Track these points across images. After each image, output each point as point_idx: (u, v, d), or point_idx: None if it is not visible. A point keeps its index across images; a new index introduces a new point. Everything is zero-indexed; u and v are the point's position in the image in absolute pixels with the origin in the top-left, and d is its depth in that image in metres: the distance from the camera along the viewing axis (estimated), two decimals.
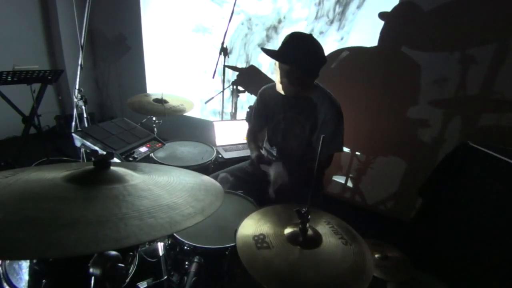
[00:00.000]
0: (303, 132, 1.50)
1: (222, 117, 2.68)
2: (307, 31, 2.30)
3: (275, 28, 2.49)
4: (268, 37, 2.56)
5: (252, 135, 1.74)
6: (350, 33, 2.18)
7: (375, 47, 2.11)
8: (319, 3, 2.24)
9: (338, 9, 2.18)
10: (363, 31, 2.12)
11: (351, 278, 0.72)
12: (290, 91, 1.42)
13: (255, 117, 1.72)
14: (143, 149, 1.53)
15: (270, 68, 2.58)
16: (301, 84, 1.39)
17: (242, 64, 2.76)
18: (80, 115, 1.94)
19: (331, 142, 1.41)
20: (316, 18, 2.29)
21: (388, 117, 2.19)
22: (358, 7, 2.10)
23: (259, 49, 2.62)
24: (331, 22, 2.23)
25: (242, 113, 2.82)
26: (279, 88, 1.44)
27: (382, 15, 2.02)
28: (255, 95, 1.73)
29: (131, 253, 0.81)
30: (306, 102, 1.46)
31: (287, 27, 2.42)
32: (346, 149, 2.39)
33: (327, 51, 2.29)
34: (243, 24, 2.64)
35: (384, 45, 2.08)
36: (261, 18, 2.53)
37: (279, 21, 2.45)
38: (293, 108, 1.51)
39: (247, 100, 2.80)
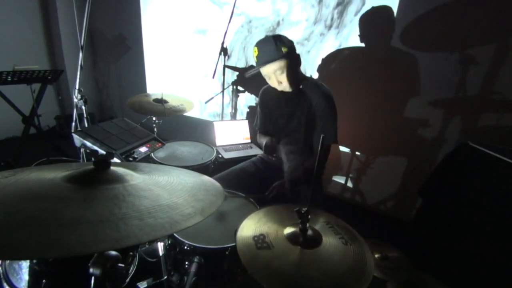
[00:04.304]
0: (300, 125, 1.53)
1: (222, 117, 2.68)
2: (306, 34, 2.32)
3: (273, 31, 2.49)
4: None
5: (261, 135, 1.74)
6: (349, 39, 2.18)
7: (375, 47, 2.11)
8: (318, 4, 2.24)
9: (336, 15, 2.18)
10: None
11: (351, 278, 0.72)
12: (290, 86, 1.44)
13: (261, 120, 1.73)
14: (143, 149, 1.53)
15: None
16: (293, 72, 1.41)
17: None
18: (80, 115, 1.93)
19: (325, 133, 1.42)
20: (314, 23, 2.29)
21: (388, 117, 2.19)
22: (356, 13, 2.10)
23: None
24: (330, 27, 2.23)
25: (242, 115, 2.83)
26: (280, 88, 1.46)
27: (382, 15, 2.02)
28: (255, 95, 1.74)
29: (131, 253, 0.81)
30: (300, 94, 1.50)
31: (285, 29, 2.42)
32: (346, 149, 2.39)
33: (325, 54, 2.31)
34: (243, 26, 2.64)
35: (384, 45, 2.08)
36: (261, 20, 2.53)
37: (278, 23, 2.45)
38: (288, 103, 1.54)
39: (246, 103, 2.81)
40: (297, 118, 1.52)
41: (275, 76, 1.40)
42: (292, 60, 1.40)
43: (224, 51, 2.27)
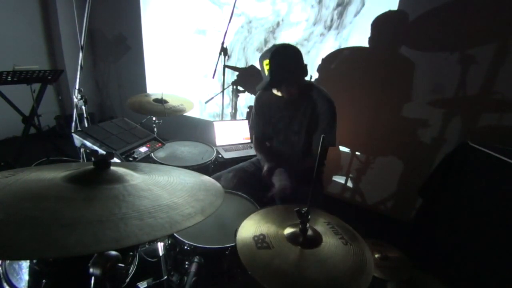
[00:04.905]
0: (301, 128, 1.53)
1: (222, 117, 2.68)
2: (305, 35, 2.32)
3: (273, 31, 2.49)
4: (266, 41, 2.55)
5: (260, 144, 1.75)
6: (348, 40, 2.18)
7: (375, 47, 2.11)
8: (318, 4, 2.24)
9: (335, 16, 2.18)
10: (362, 39, 2.12)
11: (351, 278, 0.72)
12: (296, 94, 1.48)
13: (257, 124, 1.73)
14: (143, 149, 1.53)
15: None
16: (299, 86, 1.47)
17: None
18: (80, 115, 1.93)
19: (325, 135, 1.43)
20: (314, 23, 2.29)
21: (388, 117, 2.19)
22: (356, 14, 2.10)
23: (257, 53, 2.62)
24: (329, 28, 2.23)
25: (242, 115, 2.83)
26: (286, 96, 1.48)
27: (382, 15, 2.02)
28: (255, 95, 1.74)
29: (131, 253, 0.81)
30: (301, 98, 1.51)
31: (285, 30, 2.42)
32: (346, 149, 2.39)
33: (325, 55, 2.30)
34: (243, 27, 2.63)
35: (384, 45, 2.08)
36: (261, 20, 2.52)
37: (278, 24, 2.45)
38: (290, 106, 1.55)
39: (246, 103, 2.81)
40: (298, 121, 1.53)
41: (286, 89, 1.43)
42: (303, 76, 1.44)
43: (224, 51, 2.27)
